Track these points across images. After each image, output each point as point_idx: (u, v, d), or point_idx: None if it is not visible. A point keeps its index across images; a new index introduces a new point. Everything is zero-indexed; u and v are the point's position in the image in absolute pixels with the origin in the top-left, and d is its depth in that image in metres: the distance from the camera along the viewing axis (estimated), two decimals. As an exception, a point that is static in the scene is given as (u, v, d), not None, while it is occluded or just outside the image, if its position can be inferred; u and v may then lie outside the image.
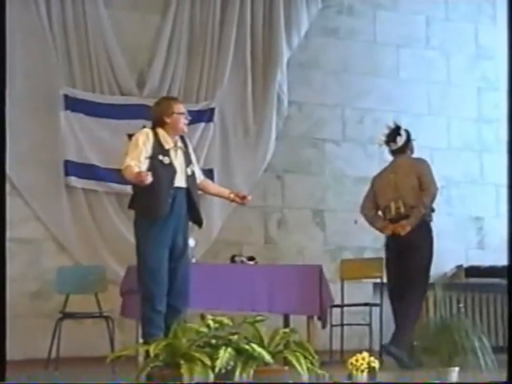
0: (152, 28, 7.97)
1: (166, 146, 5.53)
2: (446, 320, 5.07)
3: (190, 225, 5.70)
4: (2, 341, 4.33)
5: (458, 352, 4.89)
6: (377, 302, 7.27)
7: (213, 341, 4.53)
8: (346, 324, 7.44)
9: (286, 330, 4.82)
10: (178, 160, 5.55)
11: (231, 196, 5.84)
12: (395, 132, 6.80)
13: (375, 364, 4.70)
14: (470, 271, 8.46)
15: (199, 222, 5.72)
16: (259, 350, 4.47)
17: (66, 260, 7.41)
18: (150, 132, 5.55)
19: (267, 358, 4.48)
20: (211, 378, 4.36)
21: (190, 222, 5.68)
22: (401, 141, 6.77)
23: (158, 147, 5.50)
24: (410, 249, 6.48)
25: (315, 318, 6.68)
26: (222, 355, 4.38)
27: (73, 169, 7.50)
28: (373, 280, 7.64)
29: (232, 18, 8.12)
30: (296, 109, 8.48)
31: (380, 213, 6.84)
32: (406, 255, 6.51)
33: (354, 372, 4.66)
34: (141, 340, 6.13)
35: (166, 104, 5.68)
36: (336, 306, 7.22)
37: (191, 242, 5.97)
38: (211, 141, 7.99)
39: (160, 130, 5.57)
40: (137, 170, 5.37)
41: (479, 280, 8.35)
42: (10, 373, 4.47)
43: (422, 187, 6.59)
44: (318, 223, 8.46)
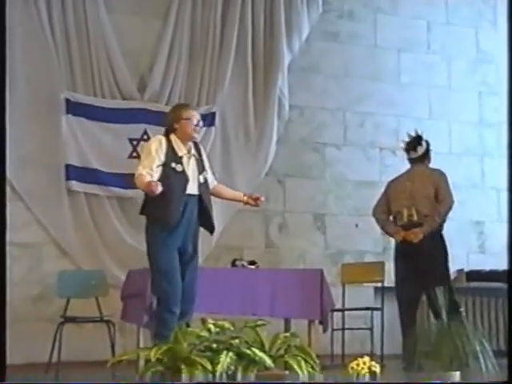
0: (153, 32, 7.97)
1: (179, 153, 5.55)
2: (447, 324, 5.07)
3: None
4: (2, 344, 4.32)
5: (459, 356, 4.88)
6: (378, 306, 7.27)
7: (214, 345, 4.52)
8: (347, 328, 7.44)
9: (287, 335, 4.82)
10: (191, 167, 5.57)
11: (245, 198, 5.86)
12: (416, 141, 6.88)
13: (376, 368, 4.69)
14: (471, 275, 8.46)
15: (211, 229, 5.74)
16: (260, 354, 4.46)
17: (67, 264, 7.40)
18: (163, 139, 5.56)
19: (268, 362, 4.48)
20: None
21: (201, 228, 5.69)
22: (421, 150, 6.86)
23: (171, 154, 5.52)
24: (421, 257, 6.52)
25: (316, 322, 6.68)
26: (223, 360, 4.38)
27: (74, 173, 7.49)
28: (374, 284, 7.64)
29: (233, 22, 8.12)
30: (297, 113, 8.48)
31: (391, 218, 6.88)
32: (416, 263, 6.54)
33: (355, 376, 4.66)
34: (142, 344, 6.16)
35: (177, 110, 5.72)
36: (337, 310, 7.22)
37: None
38: (212, 145, 7.98)
39: (173, 137, 5.59)
40: (148, 178, 5.37)
41: (480, 284, 8.35)
42: (10, 377, 4.47)
43: (439, 198, 6.66)
44: (318, 227, 8.45)
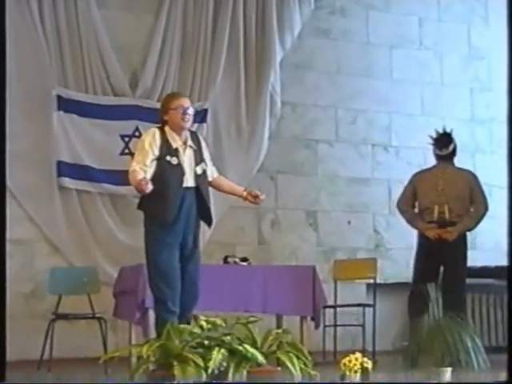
0: (145, 28, 7.95)
1: (174, 145, 5.43)
2: (439, 320, 5.08)
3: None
4: (2, 341, 4.32)
5: (451, 352, 4.90)
6: (370, 302, 7.27)
7: (206, 342, 4.53)
8: (339, 325, 7.45)
9: (279, 331, 4.83)
10: (187, 159, 5.46)
11: (244, 194, 5.71)
12: (447, 138, 6.87)
13: (368, 365, 4.70)
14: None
15: (209, 221, 5.63)
16: (252, 350, 4.47)
17: (59, 261, 7.39)
18: (156, 132, 5.45)
19: (260, 358, 4.49)
20: (204, 379, 4.37)
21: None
22: (451, 147, 6.87)
23: (166, 147, 5.40)
24: (447, 255, 6.65)
25: (308, 318, 6.68)
26: (215, 356, 4.39)
27: (66, 169, 7.48)
28: (366, 281, 7.65)
29: (225, 18, 8.11)
30: (289, 109, 8.47)
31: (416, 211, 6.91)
32: (442, 260, 6.66)
33: (347, 373, 4.67)
34: (134, 341, 6.15)
35: (165, 101, 5.63)
36: (329, 307, 7.22)
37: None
38: (204, 141, 7.96)
39: (167, 129, 5.48)
40: (142, 175, 5.26)
41: (471, 280, 8.34)
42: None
43: (474, 200, 6.80)
44: (311, 224, 8.45)
